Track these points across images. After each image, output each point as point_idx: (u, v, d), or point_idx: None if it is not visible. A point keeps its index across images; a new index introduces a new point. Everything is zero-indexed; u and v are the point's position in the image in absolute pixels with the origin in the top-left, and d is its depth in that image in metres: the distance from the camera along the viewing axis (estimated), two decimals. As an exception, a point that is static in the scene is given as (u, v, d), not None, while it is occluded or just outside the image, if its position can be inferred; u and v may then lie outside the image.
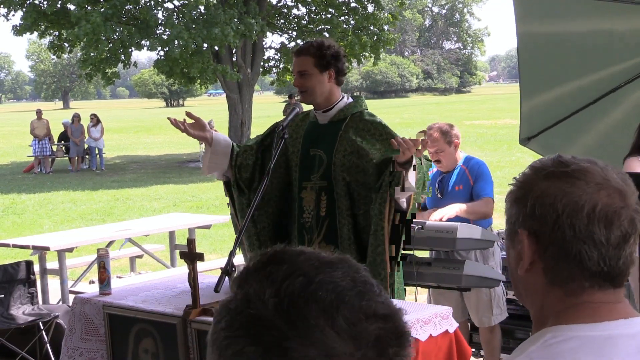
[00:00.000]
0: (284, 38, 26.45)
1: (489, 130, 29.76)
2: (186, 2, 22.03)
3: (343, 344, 0.91)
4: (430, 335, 3.39)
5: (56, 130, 24.07)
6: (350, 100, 3.91)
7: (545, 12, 4.74)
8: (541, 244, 1.33)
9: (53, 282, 7.04)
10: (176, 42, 20.85)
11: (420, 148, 3.66)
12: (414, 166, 3.67)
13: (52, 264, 7.07)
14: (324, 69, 3.75)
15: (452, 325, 3.50)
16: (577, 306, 1.32)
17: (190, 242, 3.56)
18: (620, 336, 1.29)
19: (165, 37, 21.55)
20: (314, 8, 24.83)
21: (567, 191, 1.31)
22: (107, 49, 21.76)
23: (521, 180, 1.39)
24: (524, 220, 1.35)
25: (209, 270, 7.00)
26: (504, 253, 5.14)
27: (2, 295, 5.66)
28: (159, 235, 9.15)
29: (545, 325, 1.35)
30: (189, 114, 3.97)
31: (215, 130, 4.25)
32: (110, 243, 7.34)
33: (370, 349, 0.92)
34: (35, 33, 23.60)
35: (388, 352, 0.94)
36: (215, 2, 21.41)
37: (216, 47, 22.54)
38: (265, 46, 24.96)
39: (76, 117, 23.50)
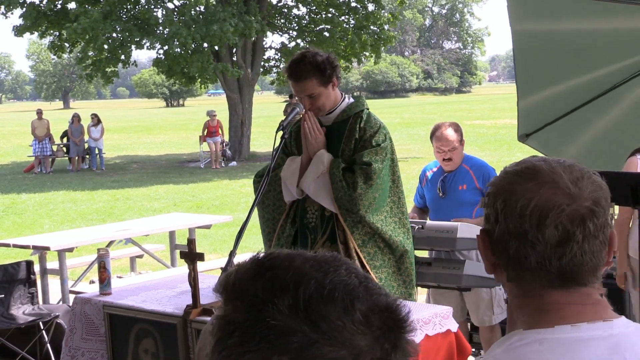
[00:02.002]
0: (284, 38, 26.46)
1: (489, 130, 29.77)
2: (186, 1, 22.04)
3: (364, 339, 0.91)
4: (430, 335, 3.39)
5: (57, 130, 24.06)
6: (352, 100, 3.91)
7: (539, 10, 4.74)
8: (491, 243, 1.35)
9: (53, 282, 7.04)
10: (175, 41, 20.86)
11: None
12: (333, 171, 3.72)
13: (52, 263, 7.07)
14: (327, 83, 3.75)
15: (453, 325, 3.50)
16: (542, 309, 1.31)
17: (191, 242, 3.56)
18: (591, 338, 1.27)
19: (165, 35, 21.57)
20: (314, 8, 24.83)
21: (506, 189, 1.32)
22: (106, 47, 21.78)
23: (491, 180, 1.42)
24: (483, 221, 1.39)
25: (209, 270, 7.00)
26: None
27: (3, 295, 5.66)
28: (159, 235, 9.15)
29: (514, 327, 1.34)
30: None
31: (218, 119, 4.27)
32: (111, 243, 7.34)
33: (387, 341, 0.93)
34: (36, 33, 23.61)
35: (400, 341, 0.95)
36: (214, 1, 21.43)
37: (216, 47, 22.55)
38: (265, 46, 24.97)
39: (76, 117, 23.48)
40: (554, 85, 5.07)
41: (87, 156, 23.47)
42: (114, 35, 21.79)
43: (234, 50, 23.01)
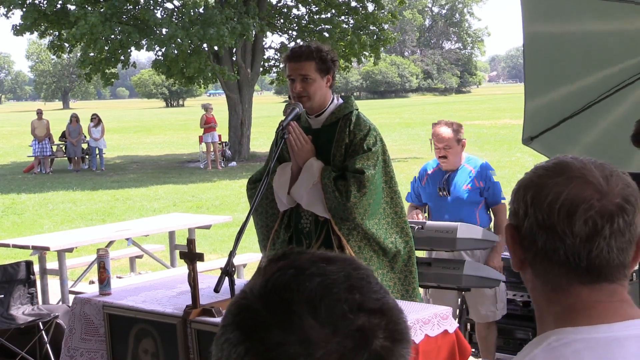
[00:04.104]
0: (284, 38, 26.43)
1: (489, 130, 29.77)
2: (185, 2, 22.04)
3: (320, 332, 0.93)
4: (430, 335, 3.38)
5: (56, 131, 24.05)
6: (341, 101, 3.86)
7: (552, 11, 4.74)
8: (520, 237, 1.35)
9: (53, 282, 7.04)
10: (172, 43, 20.86)
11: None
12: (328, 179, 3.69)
13: (52, 264, 7.06)
14: (324, 74, 3.70)
15: (452, 325, 3.50)
16: (573, 307, 1.31)
17: (190, 242, 3.55)
18: (627, 338, 1.27)
19: (163, 37, 21.56)
20: (314, 8, 24.83)
21: (536, 182, 1.33)
22: (107, 48, 21.77)
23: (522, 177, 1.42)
24: (509, 216, 1.39)
25: (209, 270, 6.99)
26: None
27: (2, 296, 5.66)
28: (159, 235, 9.15)
29: (545, 324, 1.34)
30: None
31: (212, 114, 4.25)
32: (110, 243, 7.34)
33: (348, 338, 0.93)
34: (35, 33, 23.60)
35: (371, 344, 0.94)
36: (213, 2, 21.42)
37: (216, 47, 22.55)
38: (265, 46, 24.97)
39: (74, 117, 23.48)
40: (561, 86, 5.08)
41: (87, 156, 23.47)
42: (113, 36, 21.77)
43: (234, 50, 23.01)
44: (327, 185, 3.65)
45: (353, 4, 24.31)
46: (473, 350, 5.21)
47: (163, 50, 21.63)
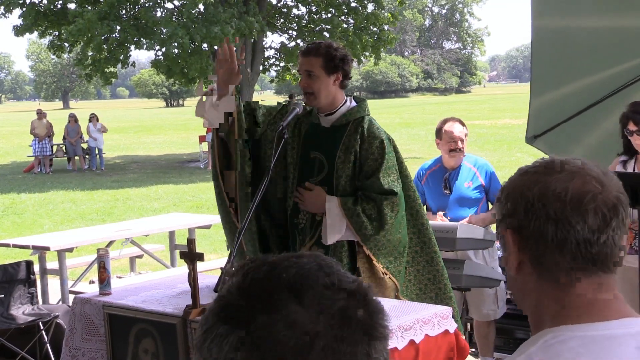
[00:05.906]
0: (284, 38, 26.43)
1: (489, 130, 29.76)
2: (185, 1, 22.02)
3: (306, 314, 0.97)
4: (430, 335, 3.38)
5: (57, 130, 24.07)
6: (354, 104, 3.82)
7: (561, 6, 4.73)
8: (523, 237, 1.34)
9: (53, 282, 7.04)
10: (174, 41, 20.86)
11: None
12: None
13: (52, 264, 7.06)
14: (331, 72, 3.67)
15: (452, 325, 3.50)
16: (571, 304, 1.32)
17: (190, 242, 3.55)
18: (623, 335, 1.28)
19: (163, 36, 21.55)
20: (314, 8, 24.83)
21: (538, 180, 1.33)
22: (105, 46, 21.77)
23: (504, 183, 1.41)
24: (503, 220, 1.37)
25: (209, 270, 6.99)
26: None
27: (2, 295, 5.66)
28: (159, 235, 9.14)
29: (542, 326, 1.34)
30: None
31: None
32: (110, 243, 7.34)
33: (334, 317, 0.97)
34: (35, 33, 23.61)
35: (353, 320, 0.98)
36: (213, 1, 21.41)
37: (216, 47, 22.55)
38: (265, 46, 24.97)
39: (72, 117, 23.47)
40: (567, 85, 5.07)
41: (87, 156, 23.47)
42: (112, 35, 21.77)
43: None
44: (352, 211, 3.65)
45: (353, 4, 24.30)
46: (472, 350, 5.21)
47: (163, 49, 21.62)
